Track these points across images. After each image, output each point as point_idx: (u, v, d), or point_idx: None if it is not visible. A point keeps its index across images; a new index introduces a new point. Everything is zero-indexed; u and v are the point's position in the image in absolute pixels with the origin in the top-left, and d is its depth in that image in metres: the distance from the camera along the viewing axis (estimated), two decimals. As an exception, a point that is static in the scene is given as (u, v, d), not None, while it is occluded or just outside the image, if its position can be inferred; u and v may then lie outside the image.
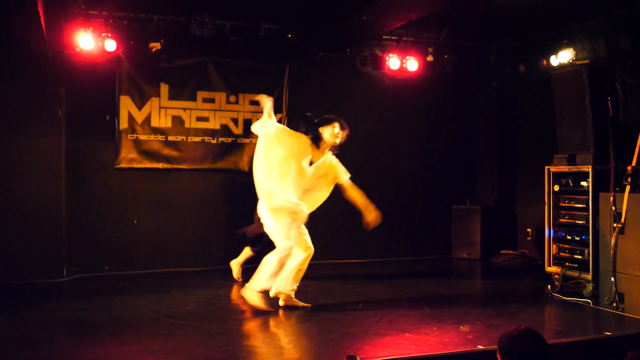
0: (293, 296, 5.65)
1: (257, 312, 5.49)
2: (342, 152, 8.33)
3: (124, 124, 7.51)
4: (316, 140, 5.63)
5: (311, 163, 5.63)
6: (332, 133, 5.64)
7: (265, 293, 5.54)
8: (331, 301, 6.04)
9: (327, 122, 5.66)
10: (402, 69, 8.29)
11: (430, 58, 8.25)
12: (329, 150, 5.73)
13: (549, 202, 6.72)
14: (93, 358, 4.24)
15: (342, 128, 5.70)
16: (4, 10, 5.84)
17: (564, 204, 6.62)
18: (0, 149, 6.95)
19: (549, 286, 6.41)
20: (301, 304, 5.69)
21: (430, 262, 8.60)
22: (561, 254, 6.59)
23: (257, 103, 8.02)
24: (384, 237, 8.72)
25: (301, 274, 5.63)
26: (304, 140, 5.61)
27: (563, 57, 7.28)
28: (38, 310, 5.68)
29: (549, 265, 6.68)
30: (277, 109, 8.07)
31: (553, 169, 6.70)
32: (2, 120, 6.95)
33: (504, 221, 9.00)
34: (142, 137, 7.56)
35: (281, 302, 5.64)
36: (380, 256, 8.59)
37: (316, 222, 8.20)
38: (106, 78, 7.37)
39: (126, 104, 7.51)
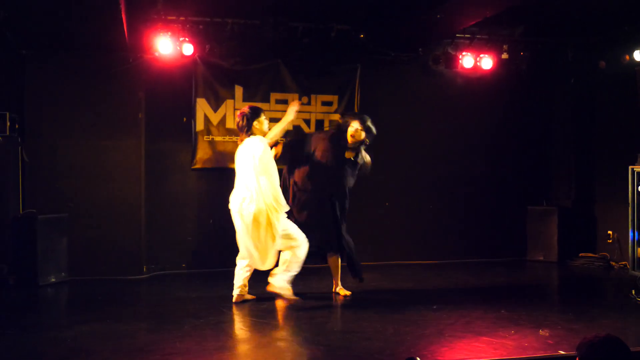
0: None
1: (331, 313, 5.52)
2: (414, 152, 8.32)
3: (200, 125, 7.72)
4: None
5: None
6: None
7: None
8: (405, 302, 5.99)
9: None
10: (475, 67, 8.14)
11: (505, 56, 8.06)
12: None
13: (633, 204, 6.45)
14: (174, 352, 4.37)
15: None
16: (90, 18, 6.12)
17: (649, 206, 6.35)
18: (84, 150, 7.29)
19: (633, 291, 6.14)
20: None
21: (504, 264, 8.40)
22: (646, 257, 6.32)
23: (329, 103, 8.15)
24: (456, 238, 8.62)
25: None
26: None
27: (648, 51, 6.98)
28: (119, 305, 5.94)
29: (633, 269, 6.41)
30: (349, 109, 8.14)
31: (637, 168, 6.43)
32: (87, 122, 7.29)
33: (582, 223, 8.67)
34: (218, 138, 7.75)
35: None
36: (453, 257, 8.46)
37: (389, 224, 8.25)
38: (183, 81, 7.60)
39: (202, 107, 7.72)
